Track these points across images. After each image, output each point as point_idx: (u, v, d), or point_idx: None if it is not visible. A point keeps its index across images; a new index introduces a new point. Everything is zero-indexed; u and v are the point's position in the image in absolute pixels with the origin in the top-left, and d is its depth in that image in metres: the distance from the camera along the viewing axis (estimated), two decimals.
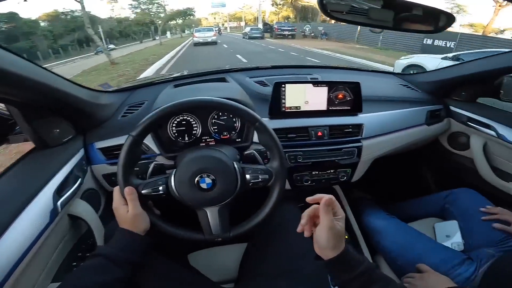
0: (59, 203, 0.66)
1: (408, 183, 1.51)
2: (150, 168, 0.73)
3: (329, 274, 0.54)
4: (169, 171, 0.66)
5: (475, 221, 0.89)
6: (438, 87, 1.19)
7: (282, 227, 0.78)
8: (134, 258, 0.56)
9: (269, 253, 0.74)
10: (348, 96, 0.97)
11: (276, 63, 1.36)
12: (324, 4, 0.66)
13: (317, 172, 1.01)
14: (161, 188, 0.62)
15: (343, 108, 0.98)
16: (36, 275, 0.60)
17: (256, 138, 0.88)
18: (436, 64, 4.99)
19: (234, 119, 0.91)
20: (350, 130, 0.99)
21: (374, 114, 1.03)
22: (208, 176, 0.61)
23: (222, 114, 0.90)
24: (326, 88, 0.94)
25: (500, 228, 0.83)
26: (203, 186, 0.61)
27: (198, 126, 0.89)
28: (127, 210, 0.59)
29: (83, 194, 0.81)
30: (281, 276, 0.68)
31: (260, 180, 0.65)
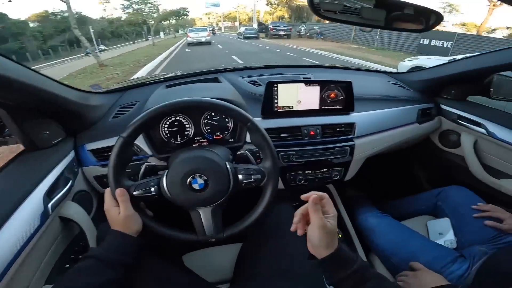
0: (50, 205, 0.65)
1: (400, 181, 1.52)
2: (142, 169, 0.72)
3: (322, 273, 0.54)
4: (161, 172, 0.66)
5: (467, 218, 0.90)
6: (429, 86, 1.20)
7: (277, 227, 0.78)
8: (126, 259, 0.56)
9: (264, 253, 0.74)
10: (340, 95, 0.97)
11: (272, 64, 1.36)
12: (315, 4, 0.66)
13: (310, 171, 1.01)
14: (153, 189, 0.62)
15: (336, 107, 0.99)
16: (29, 277, 0.60)
17: (249, 138, 0.89)
18: None
19: (227, 119, 0.91)
20: (343, 129, 1.00)
21: (366, 113, 1.04)
22: (200, 176, 0.61)
23: (214, 114, 0.89)
24: (318, 87, 0.95)
25: (492, 225, 0.83)
26: (195, 186, 0.61)
27: (191, 126, 0.88)
28: (119, 212, 0.58)
29: (75, 196, 0.80)
30: (276, 276, 0.68)
31: (252, 180, 0.65)
